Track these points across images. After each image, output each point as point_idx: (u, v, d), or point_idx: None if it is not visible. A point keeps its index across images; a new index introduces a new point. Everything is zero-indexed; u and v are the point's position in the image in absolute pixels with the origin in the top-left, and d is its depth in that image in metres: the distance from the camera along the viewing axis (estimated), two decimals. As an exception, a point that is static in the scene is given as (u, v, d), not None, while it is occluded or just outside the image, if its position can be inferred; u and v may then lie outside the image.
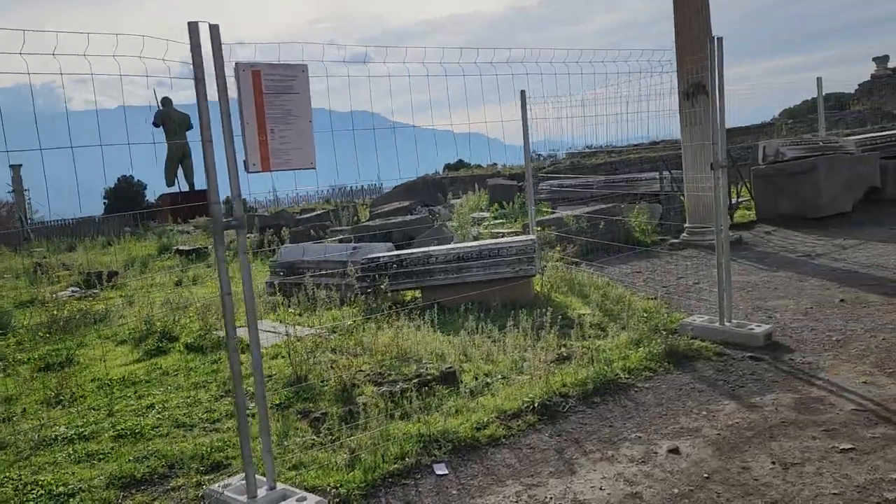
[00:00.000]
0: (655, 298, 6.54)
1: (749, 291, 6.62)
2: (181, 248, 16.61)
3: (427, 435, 3.75)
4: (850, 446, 3.33)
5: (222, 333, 6.46)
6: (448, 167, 36.55)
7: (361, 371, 4.84)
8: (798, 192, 10.14)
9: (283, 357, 5.41)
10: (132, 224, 28.74)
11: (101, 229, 26.79)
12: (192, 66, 2.85)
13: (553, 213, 11.45)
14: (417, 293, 7.11)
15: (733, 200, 11.11)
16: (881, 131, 13.58)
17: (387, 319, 6.08)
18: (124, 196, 39.21)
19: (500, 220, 14.58)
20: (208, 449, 3.86)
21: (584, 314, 6.05)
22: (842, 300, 5.96)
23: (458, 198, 19.70)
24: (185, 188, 32.25)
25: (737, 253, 8.57)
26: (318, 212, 19.40)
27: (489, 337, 5.40)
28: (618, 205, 9.99)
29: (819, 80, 12.26)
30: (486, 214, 17.00)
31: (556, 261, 8.46)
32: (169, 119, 24.62)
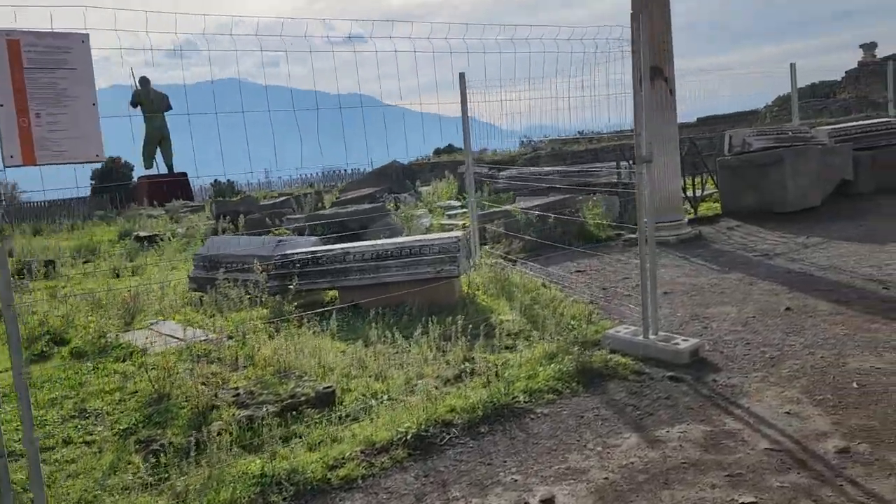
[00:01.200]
0: (591, 302, 6.00)
1: (693, 296, 6.08)
2: (140, 233, 15.99)
3: (270, 475, 3.20)
4: (751, 500, 2.80)
5: (113, 336, 5.90)
6: (437, 151, 35.75)
7: (235, 389, 4.28)
8: (764, 185, 9.59)
9: (162, 368, 4.84)
10: (109, 206, 27.97)
11: (75, 212, 26.07)
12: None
13: (507, 205, 10.89)
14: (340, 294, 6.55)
15: (698, 192, 10.56)
16: (860, 121, 13.03)
17: (290, 324, 5.52)
18: (112, 178, 38.33)
19: (465, 210, 14.01)
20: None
21: (506, 321, 5.50)
22: (787, 308, 5.43)
23: (428, 185, 19.11)
24: (164, 170, 31.49)
25: (692, 251, 8.03)
26: (284, 198, 18.75)
27: (393, 347, 4.85)
28: (572, 197, 9.42)
29: (792, 66, 11.66)
30: (454, 203, 16.42)
31: (498, 258, 7.92)
32: (147, 99, 23.95)
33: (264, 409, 3.85)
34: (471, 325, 5.08)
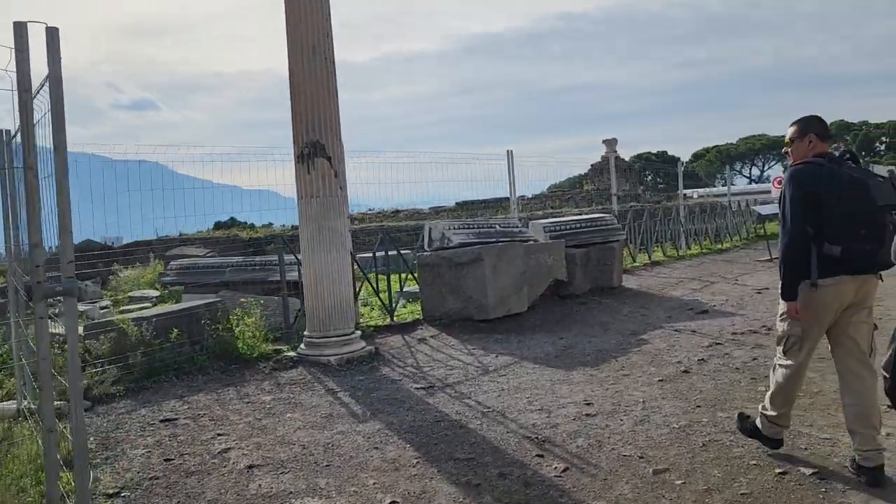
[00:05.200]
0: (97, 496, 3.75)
1: (281, 474, 4.06)
2: None
3: None
4: None
5: None
6: (218, 225, 32.24)
7: None
8: (464, 287, 8.16)
9: None
10: None
11: None
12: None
13: (160, 305, 8.49)
14: None
15: (395, 290, 8.94)
16: (581, 214, 12.51)
17: None
18: None
19: (150, 305, 11.32)
20: None
21: None
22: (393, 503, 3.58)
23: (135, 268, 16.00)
24: None
25: (351, 378, 6.15)
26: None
27: None
28: (223, 299, 7.26)
29: (509, 153, 10.79)
30: (151, 293, 13.61)
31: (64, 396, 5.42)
32: None
33: None
34: None
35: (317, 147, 6.73)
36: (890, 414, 4.37)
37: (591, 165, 26.02)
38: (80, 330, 7.14)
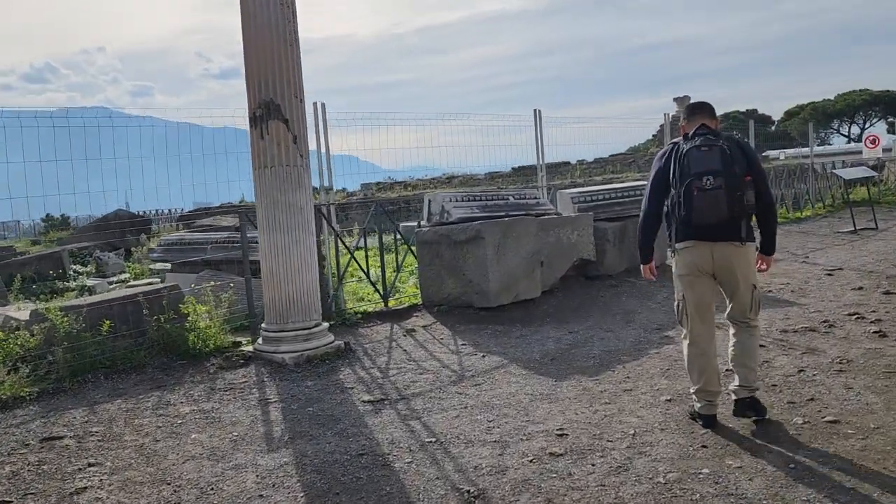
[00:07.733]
0: None
1: (125, 532, 3.13)
2: None
3: None
4: None
5: None
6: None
7: None
8: (464, 269, 7.02)
9: None
10: None
11: None
12: None
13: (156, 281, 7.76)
14: None
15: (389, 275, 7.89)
16: (612, 183, 11.02)
17: None
18: None
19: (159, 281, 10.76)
20: None
21: None
22: None
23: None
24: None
25: (301, 383, 5.19)
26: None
27: None
28: (177, 283, 6.42)
29: (537, 112, 9.40)
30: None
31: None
32: None
33: None
34: None
35: (270, 108, 5.70)
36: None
37: (661, 126, 23.87)
38: (25, 316, 6.48)
